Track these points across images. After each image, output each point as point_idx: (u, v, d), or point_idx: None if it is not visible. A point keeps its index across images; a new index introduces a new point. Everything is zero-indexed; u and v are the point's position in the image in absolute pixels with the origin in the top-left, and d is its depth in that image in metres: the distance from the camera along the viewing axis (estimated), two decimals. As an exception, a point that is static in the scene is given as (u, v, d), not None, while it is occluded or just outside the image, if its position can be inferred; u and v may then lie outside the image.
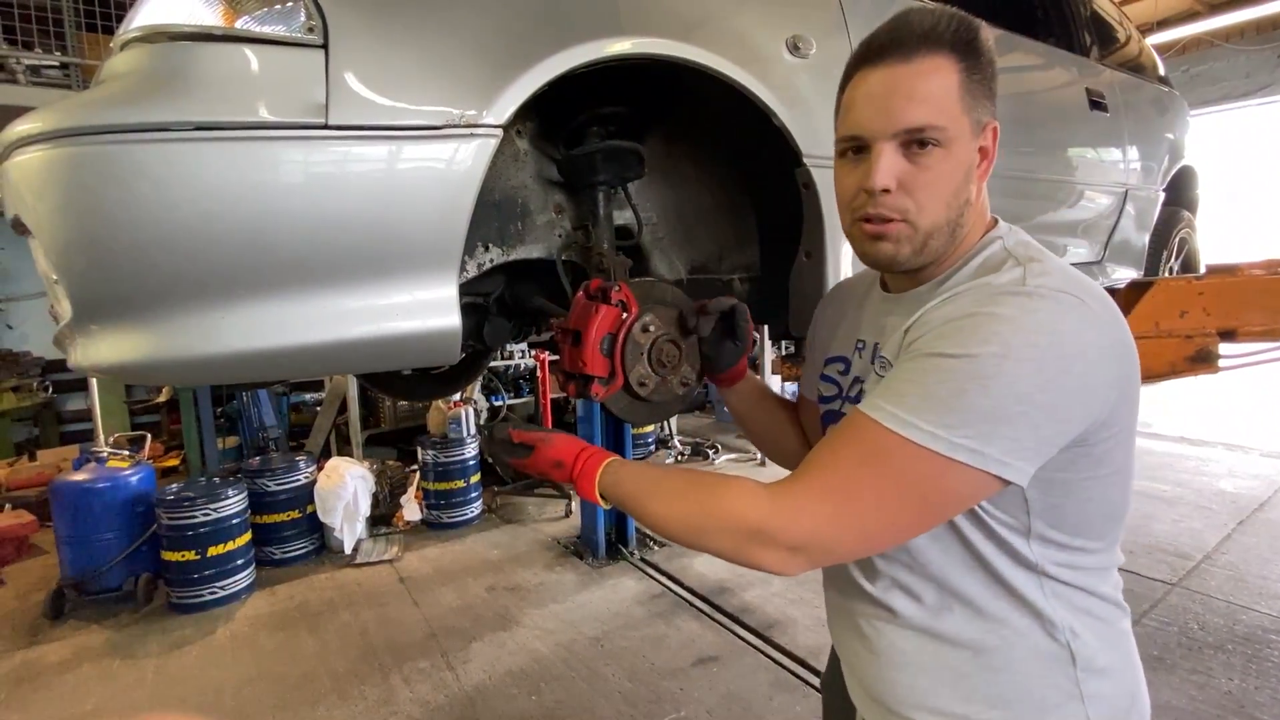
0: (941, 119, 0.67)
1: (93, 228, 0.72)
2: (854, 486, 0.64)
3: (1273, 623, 2.90)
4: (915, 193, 0.69)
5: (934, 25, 0.68)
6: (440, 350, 0.90)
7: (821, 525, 0.64)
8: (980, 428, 0.59)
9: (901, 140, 0.68)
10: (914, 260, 0.72)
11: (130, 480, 3.45)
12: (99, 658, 2.93)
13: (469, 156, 0.85)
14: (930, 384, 0.61)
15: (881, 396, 0.65)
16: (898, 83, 0.68)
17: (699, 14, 1.12)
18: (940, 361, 0.62)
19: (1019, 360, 0.59)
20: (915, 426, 0.60)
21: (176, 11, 0.75)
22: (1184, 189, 2.94)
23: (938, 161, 0.68)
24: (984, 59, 0.70)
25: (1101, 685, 0.72)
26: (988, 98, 0.71)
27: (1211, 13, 7.22)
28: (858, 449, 0.64)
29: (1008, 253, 0.71)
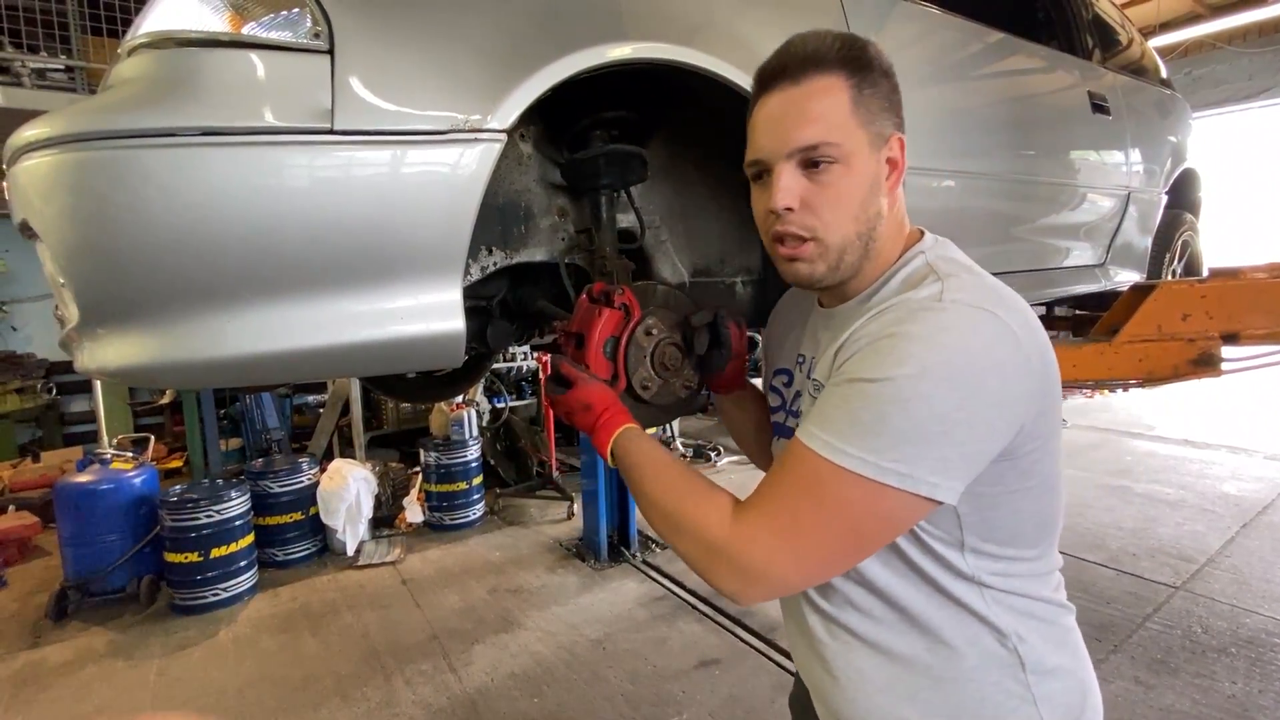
0: (834, 135, 0.69)
1: (100, 232, 0.72)
2: (798, 517, 0.65)
3: (1276, 626, 2.89)
4: (819, 210, 0.71)
5: (818, 47, 0.70)
6: (445, 353, 0.90)
7: (772, 554, 0.65)
8: (905, 450, 0.61)
9: (799, 160, 0.70)
10: (832, 277, 0.74)
11: (133, 482, 3.46)
12: (102, 659, 2.94)
13: (473, 161, 0.85)
14: (855, 409, 0.63)
15: (814, 422, 0.66)
16: (789, 105, 0.70)
17: (701, 18, 1.12)
18: (863, 386, 0.63)
19: (935, 380, 0.60)
20: (844, 453, 0.62)
21: (184, 18, 0.75)
22: (1186, 191, 2.94)
23: (837, 178, 0.70)
24: (875, 73, 0.71)
25: (1052, 686, 0.73)
26: (887, 111, 0.72)
27: (1214, 15, 7.21)
28: (798, 477, 0.66)
29: (930, 267, 0.72)
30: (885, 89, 0.72)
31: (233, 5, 0.77)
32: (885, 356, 0.63)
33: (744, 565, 0.66)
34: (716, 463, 5.74)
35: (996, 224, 1.86)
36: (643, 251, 1.40)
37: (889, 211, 0.74)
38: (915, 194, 1.52)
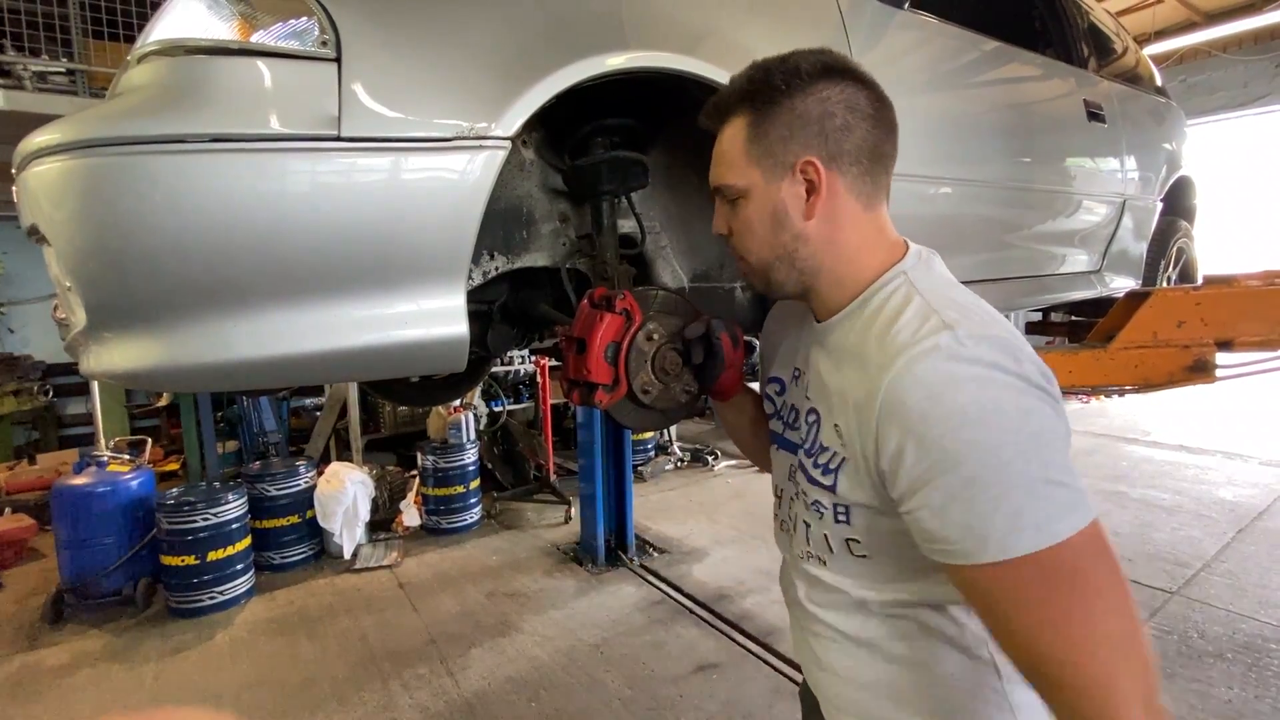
0: (728, 177, 0.76)
1: (109, 237, 0.73)
2: (1092, 622, 0.57)
3: (1273, 631, 2.91)
4: (738, 237, 0.79)
5: (727, 93, 0.77)
6: (448, 358, 0.91)
7: (1133, 688, 0.56)
8: (1074, 478, 0.59)
9: (719, 197, 0.80)
10: (774, 290, 0.79)
11: (130, 484, 3.46)
12: (98, 662, 2.93)
13: (478, 168, 0.86)
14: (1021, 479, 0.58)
15: (976, 540, 0.59)
16: (714, 150, 0.79)
17: (703, 28, 1.14)
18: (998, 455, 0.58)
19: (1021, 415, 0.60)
20: (1064, 521, 0.57)
21: (193, 26, 0.76)
22: (1181, 199, 2.96)
23: (745, 210, 0.76)
24: (785, 100, 0.71)
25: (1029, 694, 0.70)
26: (793, 138, 0.71)
27: (1209, 23, 7.27)
28: (1049, 583, 0.57)
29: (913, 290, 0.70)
30: (797, 113, 0.71)
31: (241, 14, 0.78)
32: (977, 424, 0.59)
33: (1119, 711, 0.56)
34: (714, 467, 5.75)
35: (993, 230, 1.88)
36: (643, 257, 1.41)
37: (822, 232, 0.73)
38: (913, 201, 1.54)
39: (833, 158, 0.72)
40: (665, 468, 5.74)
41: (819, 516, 0.77)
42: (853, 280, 0.76)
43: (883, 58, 1.43)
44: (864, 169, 0.73)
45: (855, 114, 0.72)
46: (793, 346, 0.90)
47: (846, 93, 0.72)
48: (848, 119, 0.72)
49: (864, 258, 0.75)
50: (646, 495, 5.01)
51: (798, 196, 0.73)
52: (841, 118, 0.71)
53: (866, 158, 0.73)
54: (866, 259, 0.75)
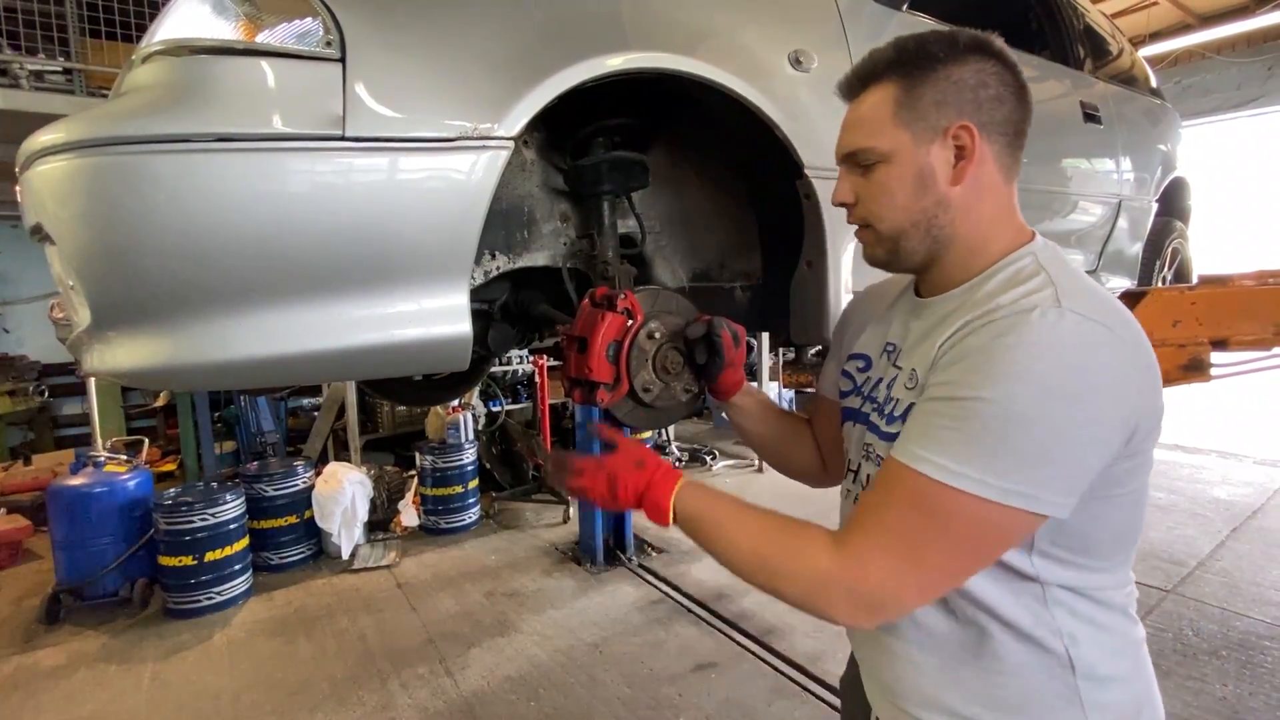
0: (868, 140, 0.76)
1: (115, 236, 0.73)
2: (913, 539, 0.65)
3: (1266, 629, 2.92)
4: (868, 203, 0.78)
5: (873, 60, 0.77)
6: (451, 357, 0.91)
7: (889, 578, 0.65)
8: (1029, 472, 0.61)
9: (850, 164, 0.79)
10: (896, 260, 0.79)
11: (127, 485, 3.45)
12: (94, 663, 2.92)
13: (481, 168, 0.87)
14: (972, 429, 0.62)
15: (921, 444, 0.66)
16: (846, 118, 0.80)
17: (703, 29, 1.14)
18: (978, 405, 0.62)
19: (1056, 398, 0.61)
20: (965, 476, 0.62)
21: (199, 26, 0.77)
22: (1176, 199, 2.98)
23: (882, 175, 0.76)
24: (941, 66, 0.73)
25: (1103, 693, 0.72)
26: (948, 102, 0.73)
27: (1203, 25, 7.31)
28: (909, 501, 0.65)
29: (1040, 267, 0.71)
30: (953, 79, 0.73)
31: (247, 14, 0.78)
32: (1000, 371, 0.62)
33: (864, 593, 0.66)
34: (712, 466, 5.75)
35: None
36: (643, 257, 1.42)
37: (964, 200, 0.74)
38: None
39: (983, 126, 0.73)
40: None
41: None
42: (980, 255, 0.76)
43: (881, 59, 1.43)
44: (1009, 142, 0.75)
45: (1006, 88, 0.74)
46: (883, 325, 0.90)
47: (998, 68, 0.74)
48: (1000, 91, 0.74)
49: (995, 233, 0.76)
50: (644, 495, 5.00)
51: (946, 161, 0.74)
52: (995, 89, 0.74)
53: (1012, 131, 0.75)
54: (997, 235, 0.76)
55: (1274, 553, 3.67)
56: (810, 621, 3.10)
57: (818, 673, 2.69)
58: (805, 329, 1.35)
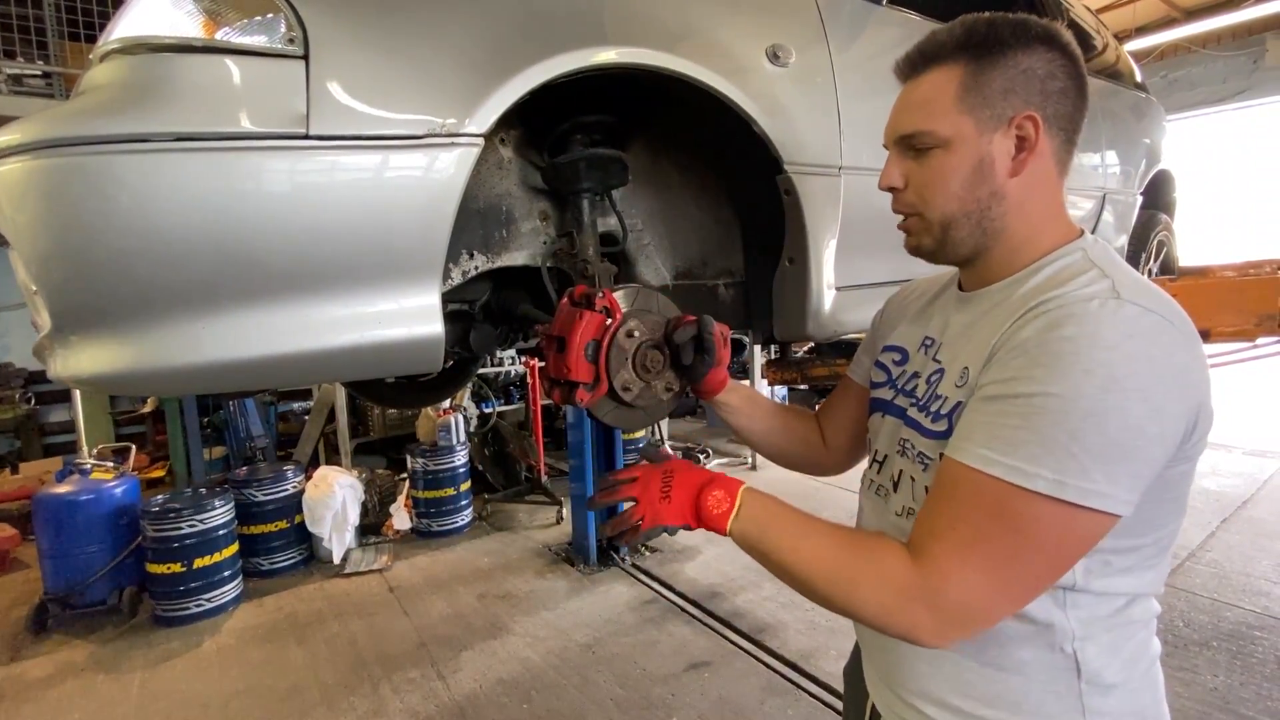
0: (930, 123, 0.72)
1: (72, 239, 0.72)
2: (995, 549, 0.62)
3: (1257, 619, 2.94)
4: (919, 189, 0.75)
5: (941, 39, 0.73)
6: (424, 358, 0.90)
7: (972, 592, 0.63)
8: (1104, 469, 0.59)
9: (904, 146, 0.75)
10: (943, 251, 0.76)
11: (114, 492, 3.41)
12: (82, 673, 2.89)
13: (450, 165, 0.85)
14: (1041, 427, 0.60)
15: (990, 446, 0.62)
16: (903, 98, 0.76)
17: (682, 25, 1.13)
18: (1045, 401, 0.60)
19: (1125, 391, 0.59)
20: (1040, 477, 0.59)
21: (157, 23, 0.75)
22: (1161, 192, 2.99)
23: (938, 161, 0.73)
24: (1010, 53, 0.70)
25: (1106, 701, 0.71)
26: (1015, 90, 0.71)
27: (1188, 19, 7.35)
28: (983, 506, 0.62)
29: (1091, 262, 0.69)
30: (1021, 68, 0.70)
31: (206, 10, 0.76)
32: (1065, 366, 0.60)
33: (948, 607, 0.63)
34: (706, 465, 5.75)
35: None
36: (625, 255, 1.41)
37: (1019, 192, 0.72)
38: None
39: (1047, 119, 0.71)
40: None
41: (923, 469, 0.75)
42: (1028, 250, 0.74)
43: (862, 54, 1.43)
44: (1067, 137, 0.73)
45: (1072, 82, 0.72)
46: (923, 318, 0.88)
47: (1065, 61, 0.72)
48: (1066, 85, 0.72)
49: (1045, 228, 0.74)
50: (638, 495, 4.99)
51: (1006, 152, 0.72)
52: (1062, 82, 0.71)
53: (1071, 127, 0.73)
54: (1047, 230, 0.74)
55: (1264, 543, 3.69)
56: (803, 619, 3.10)
57: (811, 670, 2.68)
58: (788, 326, 1.34)
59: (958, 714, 0.74)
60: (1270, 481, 4.74)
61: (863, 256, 1.40)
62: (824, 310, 1.30)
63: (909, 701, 0.79)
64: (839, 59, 1.33)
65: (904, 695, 0.80)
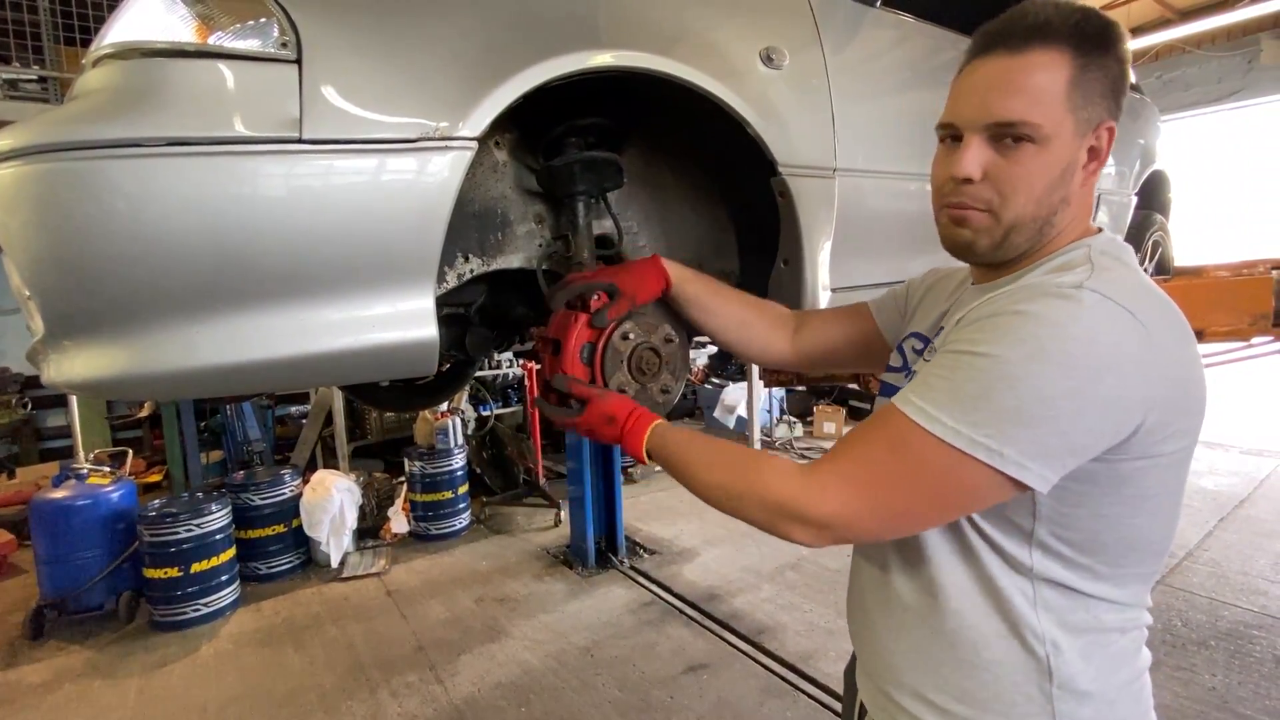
0: (1036, 115, 0.66)
1: (65, 244, 0.71)
2: (876, 472, 0.66)
3: (1254, 618, 2.94)
4: (1001, 185, 0.68)
5: (1052, 17, 0.66)
6: (419, 361, 0.90)
7: (845, 506, 0.67)
8: (1001, 427, 0.60)
9: (993, 133, 0.68)
10: (993, 253, 0.72)
11: (111, 497, 3.41)
12: (80, 678, 2.88)
13: (444, 169, 0.85)
14: (959, 380, 0.63)
15: (914, 390, 0.67)
16: (1000, 75, 0.67)
17: (676, 28, 1.13)
18: (973, 360, 0.63)
19: (1049, 364, 0.59)
20: (939, 421, 0.63)
21: (150, 28, 0.75)
22: (1156, 193, 2.99)
23: (1029, 157, 0.67)
24: (1110, 56, 0.67)
25: (1079, 709, 0.70)
26: (1108, 97, 0.68)
27: (1183, 20, 7.37)
28: (884, 437, 0.67)
29: (1088, 258, 0.68)
30: (1113, 74, 0.68)
31: (200, 15, 0.76)
32: (1005, 332, 0.62)
33: (816, 515, 0.67)
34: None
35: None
36: (621, 257, 1.41)
37: (1076, 200, 0.71)
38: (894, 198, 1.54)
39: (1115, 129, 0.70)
40: (655, 469, 5.73)
41: None
42: (1051, 249, 0.72)
43: (858, 57, 1.43)
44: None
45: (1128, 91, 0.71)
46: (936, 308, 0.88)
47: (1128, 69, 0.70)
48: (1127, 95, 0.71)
49: (1073, 229, 0.73)
50: (636, 497, 5.00)
51: (1082, 159, 0.69)
52: (1126, 89, 0.70)
53: None
54: (1072, 231, 0.73)
55: (1261, 542, 3.70)
56: (801, 620, 3.10)
57: (809, 672, 2.68)
58: (784, 327, 1.34)
59: (932, 708, 0.75)
60: (1268, 480, 4.75)
61: (858, 258, 1.40)
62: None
63: (889, 694, 0.80)
64: (833, 61, 1.34)
65: (885, 688, 0.81)
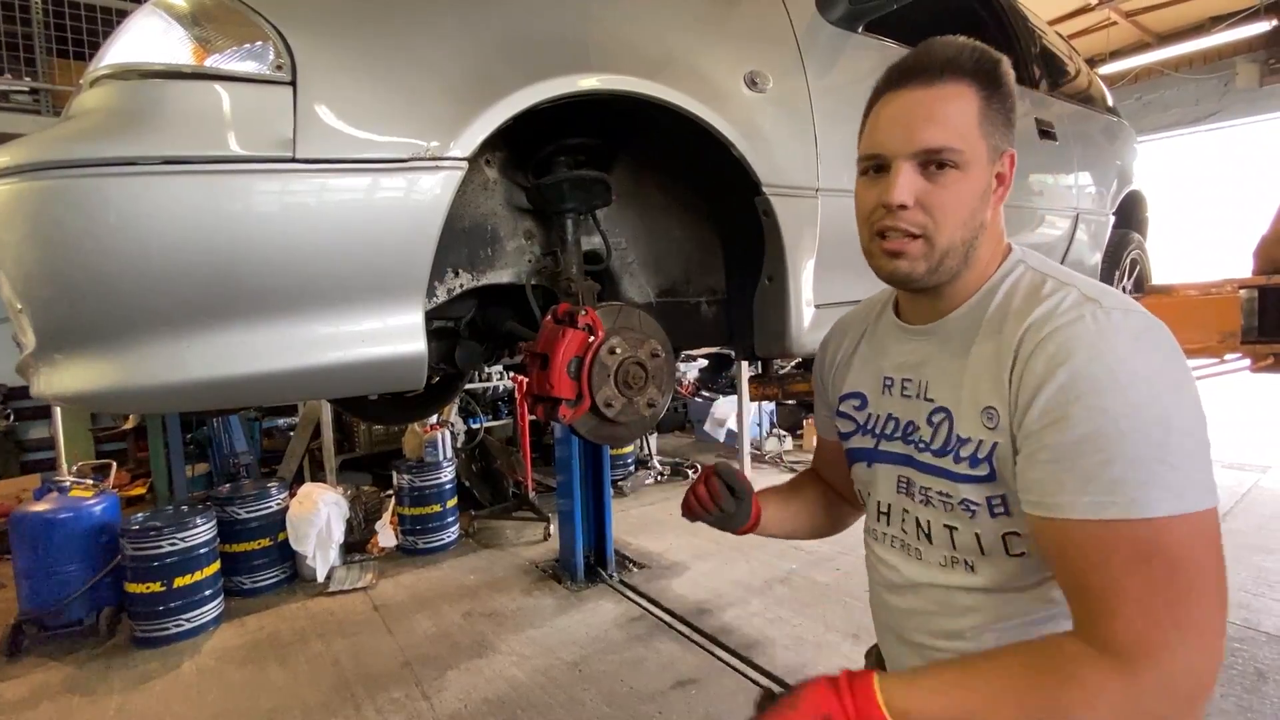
0: (958, 142, 0.70)
1: (60, 259, 0.73)
2: (1173, 598, 0.58)
3: (1237, 631, 2.97)
4: (933, 211, 0.71)
5: (957, 54, 0.71)
6: (408, 375, 0.91)
7: (1186, 650, 0.57)
8: (1196, 463, 0.60)
9: (920, 160, 0.71)
10: (929, 278, 0.73)
11: (93, 510, 3.36)
12: (58, 695, 2.82)
13: (435, 188, 0.88)
14: (1126, 452, 0.59)
15: (1088, 490, 0.60)
16: (919, 105, 0.71)
17: (663, 53, 1.17)
18: (1114, 425, 0.59)
19: (1167, 388, 0.61)
20: (1158, 501, 0.58)
21: (148, 49, 0.77)
22: (1134, 212, 3.07)
23: (954, 182, 0.70)
24: (1004, 89, 0.73)
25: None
26: (1006, 126, 0.73)
27: (1161, 44, 7.58)
28: (1135, 557, 0.58)
29: (1039, 273, 0.73)
30: (1008, 106, 0.73)
31: (197, 38, 0.79)
32: (1104, 388, 0.60)
33: (1177, 682, 0.57)
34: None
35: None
36: (609, 273, 1.43)
37: (991, 224, 0.75)
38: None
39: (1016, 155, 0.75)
40: (645, 482, 5.73)
41: (970, 515, 0.72)
42: (982, 273, 0.75)
43: (840, 80, 1.47)
44: None
45: None
46: (872, 359, 0.87)
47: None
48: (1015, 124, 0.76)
49: (994, 251, 0.77)
50: (627, 510, 4.99)
51: (992, 185, 0.73)
52: (1016, 121, 0.75)
53: None
54: (994, 253, 0.77)
55: (1243, 555, 3.75)
56: (790, 634, 3.10)
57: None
58: (768, 342, 1.37)
59: None
60: (1249, 495, 4.81)
61: (841, 275, 1.43)
62: (803, 327, 1.33)
63: None
64: (816, 84, 1.38)
65: None
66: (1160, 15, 7.34)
